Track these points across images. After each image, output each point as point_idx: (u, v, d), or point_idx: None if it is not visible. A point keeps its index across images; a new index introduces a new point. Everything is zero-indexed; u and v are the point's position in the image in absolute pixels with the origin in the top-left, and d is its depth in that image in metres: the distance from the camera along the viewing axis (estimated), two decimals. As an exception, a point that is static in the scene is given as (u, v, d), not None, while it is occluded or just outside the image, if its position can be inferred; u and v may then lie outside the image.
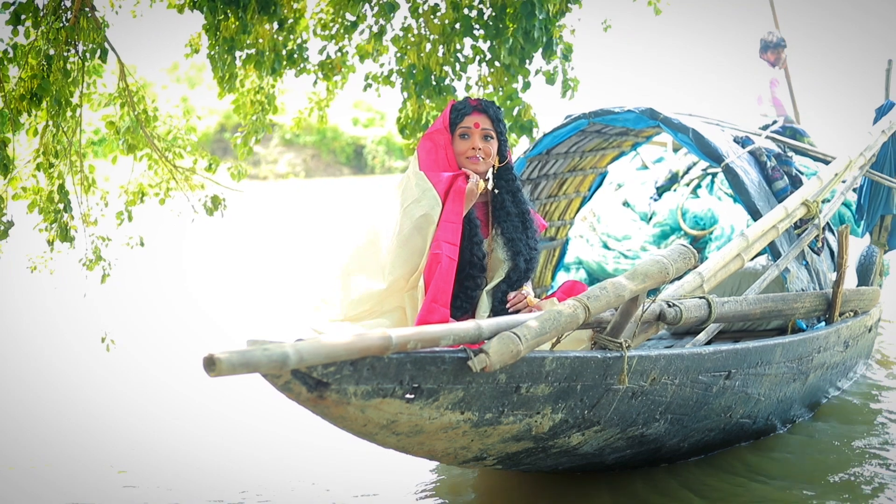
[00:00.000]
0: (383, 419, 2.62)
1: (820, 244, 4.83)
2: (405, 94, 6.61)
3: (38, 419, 5.33)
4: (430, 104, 6.53)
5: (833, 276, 4.83)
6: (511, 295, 3.48)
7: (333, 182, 36.34)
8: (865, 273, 5.78)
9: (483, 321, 2.66)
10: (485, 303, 3.52)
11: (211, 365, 2.01)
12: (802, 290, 4.55)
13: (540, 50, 6.12)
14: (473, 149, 3.54)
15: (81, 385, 6.11)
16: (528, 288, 3.60)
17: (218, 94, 6.88)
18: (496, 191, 3.64)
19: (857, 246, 5.77)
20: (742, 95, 7.97)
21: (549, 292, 3.95)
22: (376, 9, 6.52)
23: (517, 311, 3.41)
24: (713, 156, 4.81)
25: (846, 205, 6.08)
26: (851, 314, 4.87)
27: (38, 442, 4.87)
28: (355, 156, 40.36)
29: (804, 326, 4.63)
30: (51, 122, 5.67)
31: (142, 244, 6.36)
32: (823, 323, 4.66)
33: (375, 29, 6.67)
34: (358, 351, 2.33)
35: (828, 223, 5.04)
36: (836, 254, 4.78)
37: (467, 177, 3.48)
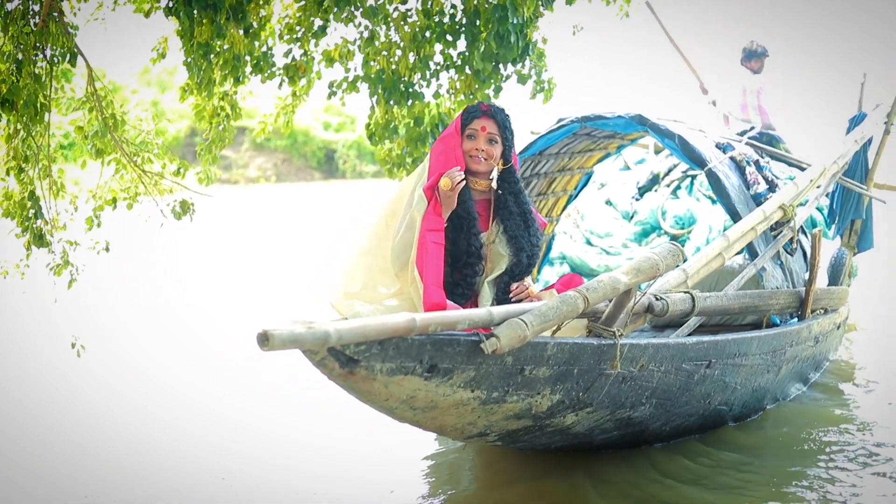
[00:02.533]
0: (403, 394, 2.90)
1: (794, 246, 5.14)
2: (374, 99, 6.60)
3: (38, 419, 5.37)
4: (398, 111, 6.54)
5: (805, 275, 5.15)
6: (514, 286, 3.77)
7: (304, 187, 36.06)
8: (836, 274, 6.11)
9: (494, 308, 2.95)
10: (487, 293, 3.80)
11: (264, 340, 2.28)
12: (777, 287, 4.86)
13: (512, 53, 6.09)
14: (476, 149, 3.83)
15: (81, 385, 6.14)
16: (528, 280, 3.88)
17: (180, 98, 6.85)
18: (499, 191, 3.91)
19: (828, 248, 6.09)
20: (735, 96, 8.19)
21: (546, 285, 4.21)
22: (345, 14, 6.45)
23: (519, 301, 3.70)
24: (697, 160, 5.11)
25: (818, 209, 6.40)
26: (822, 311, 5.20)
27: (38, 442, 4.91)
28: (326, 160, 40.13)
29: (778, 322, 4.94)
30: (21, 127, 5.66)
31: (107, 249, 6.33)
32: (796, 319, 4.98)
33: (366, 34, 6.61)
34: (387, 332, 2.61)
35: (801, 226, 5.35)
36: (808, 255, 5.09)
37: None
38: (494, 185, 3.91)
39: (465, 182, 3.72)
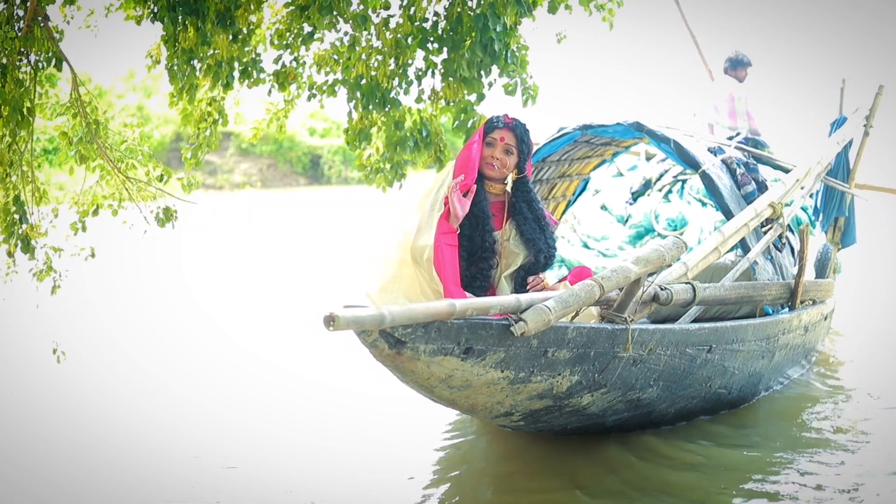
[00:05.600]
0: (443, 374, 3.23)
1: (783, 242, 5.50)
2: (351, 104, 6.60)
3: (38, 419, 5.38)
4: (377, 116, 6.56)
5: (794, 270, 5.49)
6: (530, 279, 4.11)
7: (290, 193, 35.67)
8: (822, 268, 6.48)
9: (521, 295, 3.28)
10: (505, 286, 4.14)
11: (330, 321, 2.60)
12: (768, 280, 5.21)
13: (499, 61, 6.07)
14: (492, 157, 4.18)
15: (81, 385, 6.16)
16: (542, 274, 4.22)
17: (169, 103, 6.81)
18: (513, 198, 4.26)
19: (813, 244, 6.44)
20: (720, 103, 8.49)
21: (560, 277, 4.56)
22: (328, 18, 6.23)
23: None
24: (691, 163, 5.46)
25: (804, 209, 6.76)
26: (811, 302, 5.56)
27: (38, 442, 4.93)
28: (312, 165, 39.89)
29: (770, 312, 5.29)
30: (7, 133, 5.65)
31: (93, 255, 6.33)
32: (787, 309, 5.32)
33: (347, 40, 6.56)
34: (431, 315, 2.94)
35: (788, 224, 5.70)
36: (797, 250, 5.44)
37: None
38: (509, 188, 4.25)
39: (455, 189, 4.02)
